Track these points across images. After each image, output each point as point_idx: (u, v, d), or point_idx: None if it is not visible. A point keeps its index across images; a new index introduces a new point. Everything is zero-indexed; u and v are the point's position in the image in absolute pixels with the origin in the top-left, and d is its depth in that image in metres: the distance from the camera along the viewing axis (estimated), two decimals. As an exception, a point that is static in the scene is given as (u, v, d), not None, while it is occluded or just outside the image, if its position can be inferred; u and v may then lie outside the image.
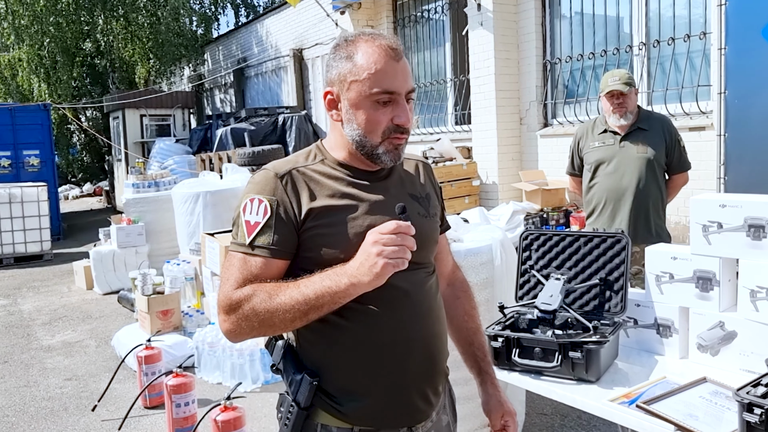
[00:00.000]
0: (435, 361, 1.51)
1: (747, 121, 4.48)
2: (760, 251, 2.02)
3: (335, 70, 1.43)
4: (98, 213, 15.32)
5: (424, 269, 1.52)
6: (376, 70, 1.38)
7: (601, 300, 2.35)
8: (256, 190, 1.41)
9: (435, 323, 1.52)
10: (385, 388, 1.42)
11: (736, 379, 1.89)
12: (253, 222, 1.39)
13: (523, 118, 7.38)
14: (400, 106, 1.41)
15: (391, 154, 1.43)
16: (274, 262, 1.38)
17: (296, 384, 1.42)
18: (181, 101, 15.63)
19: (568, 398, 2.04)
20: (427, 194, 1.60)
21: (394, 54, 1.40)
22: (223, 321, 1.38)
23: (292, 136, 11.32)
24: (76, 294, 7.62)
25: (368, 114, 1.40)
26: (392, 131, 1.41)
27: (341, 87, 1.42)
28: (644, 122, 3.59)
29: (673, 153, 3.61)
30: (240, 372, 4.38)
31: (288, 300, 1.31)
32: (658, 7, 6.11)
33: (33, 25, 15.07)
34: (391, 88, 1.39)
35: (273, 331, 1.38)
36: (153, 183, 8.15)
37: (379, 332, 1.41)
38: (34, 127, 11.88)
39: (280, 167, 1.45)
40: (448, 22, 8.64)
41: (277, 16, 13.29)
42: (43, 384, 4.69)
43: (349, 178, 1.45)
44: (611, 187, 3.63)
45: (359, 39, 1.42)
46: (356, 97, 1.40)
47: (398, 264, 1.28)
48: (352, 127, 1.42)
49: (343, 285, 1.30)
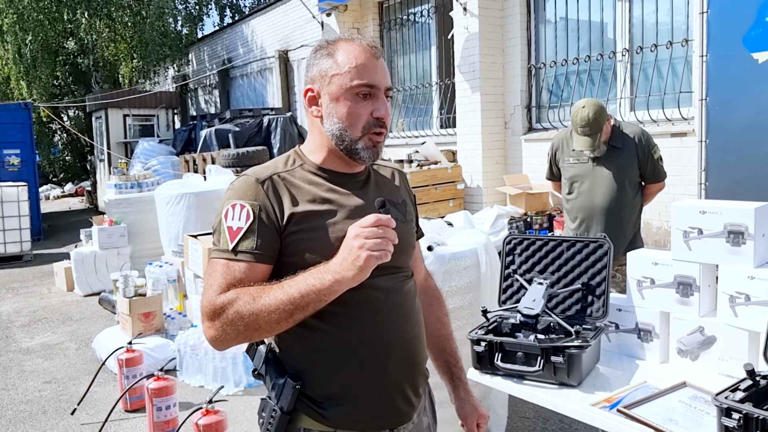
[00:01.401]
0: (415, 363, 1.53)
1: (727, 128, 4.54)
2: (739, 257, 2.04)
3: (316, 68, 1.46)
4: (80, 213, 15.17)
5: (403, 273, 1.54)
6: (357, 63, 1.41)
7: (583, 304, 2.36)
8: (237, 196, 1.41)
9: (414, 326, 1.54)
10: (366, 391, 1.44)
11: (716, 384, 1.91)
12: (235, 227, 1.38)
13: (507, 122, 7.41)
14: (380, 100, 1.43)
15: (369, 151, 1.45)
16: (258, 266, 1.38)
17: (279, 388, 1.41)
18: (165, 101, 15.52)
19: (549, 402, 2.05)
20: (403, 200, 1.62)
21: (373, 51, 1.44)
22: (207, 328, 1.37)
23: (277, 137, 11.28)
24: (57, 295, 7.53)
25: (349, 107, 1.42)
26: (372, 125, 1.43)
27: (322, 82, 1.45)
28: (618, 140, 3.65)
29: (647, 166, 3.67)
30: (222, 375, 4.35)
31: (273, 301, 1.30)
32: (642, 13, 6.18)
33: (16, 23, 14.90)
34: (372, 82, 1.42)
35: (259, 335, 1.36)
36: (136, 184, 8.08)
37: (360, 335, 1.42)
38: (14, 126, 11.74)
39: (261, 173, 1.45)
40: (433, 26, 8.66)
41: (263, 17, 13.25)
42: (22, 387, 4.63)
43: (329, 183, 1.47)
44: (585, 205, 3.74)
45: (339, 39, 1.47)
46: (337, 90, 1.42)
47: (381, 256, 1.28)
48: (332, 121, 1.44)
49: (328, 282, 1.29)
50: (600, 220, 3.70)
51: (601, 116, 3.56)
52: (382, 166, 1.65)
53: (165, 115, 15.44)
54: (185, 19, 18.66)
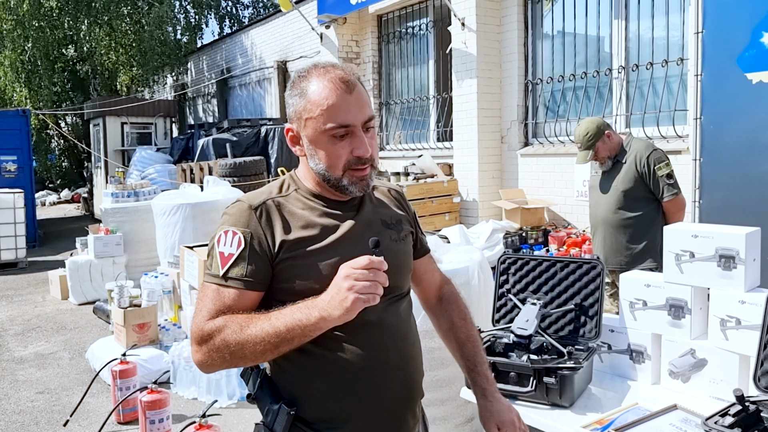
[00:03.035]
0: (411, 385, 1.53)
1: (721, 147, 4.57)
2: (730, 281, 2.06)
3: (292, 108, 1.45)
4: (76, 220, 15.14)
5: (397, 294, 1.53)
6: (328, 105, 1.38)
7: (576, 325, 2.38)
8: (230, 222, 1.42)
9: (410, 347, 1.54)
10: (361, 416, 1.44)
11: (706, 406, 1.93)
12: (227, 254, 1.39)
13: (504, 136, 7.45)
14: (358, 138, 1.41)
15: (356, 186, 1.45)
16: (248, 293, 1.39)
17: (273, 414, 1.42)
18: (163, 110, 15.54)
19: (541, 423, 2.06)
20: (398, 221, 1.61)
21: (346, 87, 1.40)
22: (195, 352, 1.38)
23: (274, 147, 11.31)
24: (51, 304, 7.51)
25: (327, 149, 1.41)
26: (353, 163, 1.42)
27: (299, 124, 1.44)
28: (623, 155, 3.78)
29: (650, 182, 3.72)
30: (216, 387, 4.34)
31: (259, 332, 1.31)
32: (638, 31, 6.24)
33: (15, 29, 14.93)
34: (346, 122, 1.39)
35: (244, 363, 1.38)
36: (132, 193, 8.08)
37: (353, 360, 1.42)
38: (12, 133, 11.74)
39: (254, 199, 1.46)
40: (432, 40, 8.72)
41: (262, 28, 13.32)
42: (14, 397, 4.61)
43: (323, 208, 1.47)
44: (592, 214, 3.98)
45: (311, 74, 1.43)
46: (313, 134, 1.42)
47: (369, 300, 1.28)
48: (314, 161, 1.44)
49: (314, 318, 1.30)
50: (600, 231, 3.83)
51: (595, 133, 3.71)
52: (378, 186, 1.65)
53: (163, 124, 15.46)
54: (185, 28, 18.74)
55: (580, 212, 6.48)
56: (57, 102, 17.64)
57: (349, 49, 9.60)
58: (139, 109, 14.95)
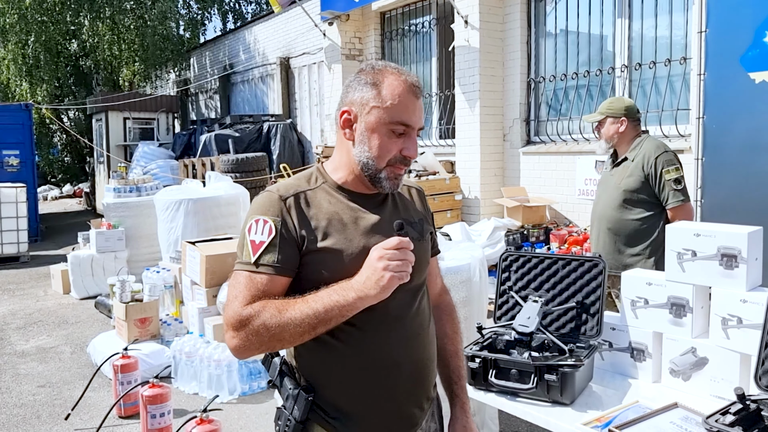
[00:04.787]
0: (424, 382, 1.59)
1: (724, 147, 4.57)
2: (732, 280, 2.07)
3: (358, 93, 1.49)
4: (78, 215, 15.16)
5: (417, 291, 1.58)
6: (399, 102, 1.47)
7: (577, 323, 2.39)
8: (260, 211, 1.48)
9: (426, 345, 1.59)
10: (375, 409, 1.50)
11: (707, 405, 1.93)
12: (258, 241, 1.45)
13: (506, 134, 7.45)
14: (411, 140, 1.50)
15: (391, 182, 1.51)
16: (279, 279, 1.44)
17: (292, 399, 1.49)
18: (166, 105, 15.54)
19: (542, 420, 2.07)
20: (420, 219, 1.66)
21: (417, 92, 1.51)
22: (231, 338, 1.42)
23: (276, 144, 11.32)
24: (53, 298, 7.52)
25: (382, 140, 1.48)
26: (398, 161, 1.50)
27: (361, 109, 1.49)
28: (633, 152, 3.53)
29: (656, 186, 3.43)
30: (217, 383, 4.36)
31: (298, 314, 1.37)
32: (641, 30, 6.23)
33: (18, 23, 14.93)
34: (409, 122, 1.48)
35: (281, 346, 1.43)
36: (134, 188, 8.08)
37: (370, 355, 1.48)
38: (14, 127, 11.76)
39: (284, 190, 1.51)
40: (435, 37, 8.71)
41: (265, 24, 13.30)
42: (16, 390, 4.62)
43: (348, 202, 1.53)
44: (593, 211, 3.79)
45: (386, 70, 1.51)
46: (375, 122, 1.47)
47: (402, 277, 1.36)
48: (362, 149, 1.49)
49: (351, 299, 1.36)
50: (596, 229, 3.71)
51: (619, 110, 3.58)
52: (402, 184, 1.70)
53: (165, 119, 15.46)
54: (187, 23, 18.72)
55: (582, 210, 6.48)
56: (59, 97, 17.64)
57: (352, 46, 9.60)
58: (142, 104, 14.95)
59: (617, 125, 3.59)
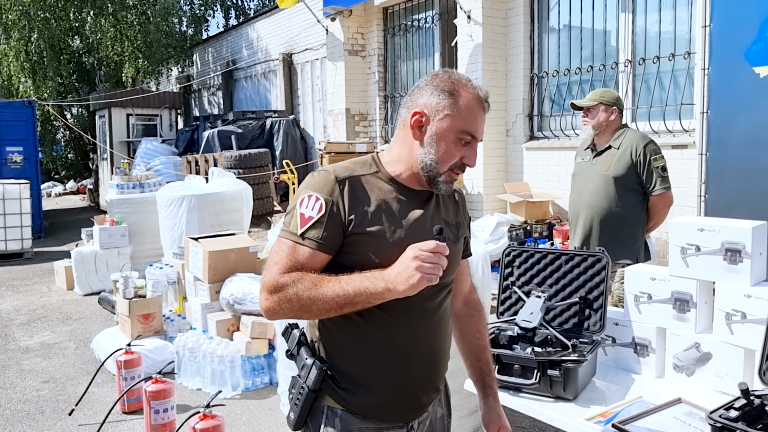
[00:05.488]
0: (436, 372, 1.67)
1: (728, 141, 4.55)
2: (736, 275, 2.06)
3: (434, 99, 1.55)
4: (81, 211, 15.18)
5: (445, 288, 1.65)
6: (471, 114, 1.55)
7: (580, 318, 2.38)
8: (315, 188, 1.54)
9: (443, 340, 1.67)
10: (387, 389, 1.57)
11: (710, 400, 1.93)
12: (307, 215, 1.52)
13: (509, 130, 7.44)
14: (473, 150, 1.58)
15: (447, 185, 1.59)
16: (320, 255, 1.51)
17: (307, 369, 1.57)
18: (169, 102, 15.55)
19: (545, 416, 2.07)
20: (458, 222, 1.73)
21: (485, 106, 1.59)
22: (265, 299, 1.51)
23: (279, 140, 11.32)
24: (56, 294, 7.54)
25: (449, 147, 1.55)
26: (457, 167, 1.57)
27: (435, 114, 1.55)
28: (617, 141, 3.65)
29: (643, 174, 3.56)
30: (220, 378, 4.36)
31: (329, 292, 1.44)
32: (645, 24, 6.20)
33: (20, 20, 14.94)
34: (476, 133, 1.57)
35: (308, 316, 1.53)
36: (138, 184, 8.09)
37: (393, 338, 1.55)
38: (18, 124, 11.76)
39: (340, 172, 1.57)
40: (437, 32, 8.69)
41: (268, 20, 13.29)
42: (20, 386, 4.64)
43: (397, 194, 1.59)
44: (573, 202, 3.82)
45: (462, 82, 1.58)
46: (446, 129, 1.54)
47: (431, 279, 1.41)
48: (429, 151, 1.55)
49: (380, 288, 1.43)
50: (582, 217, 3.69)
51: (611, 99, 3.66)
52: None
53: (168, 116, 15.47)
54: (190, 20, 18.70)
55: (585, 206, 6.46)
56: (62, 93, 17.67)
57: (355, 41, 9.58)
58: (145, 100, 14.96)
59: (608, 114, 3.68)
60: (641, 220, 3.66)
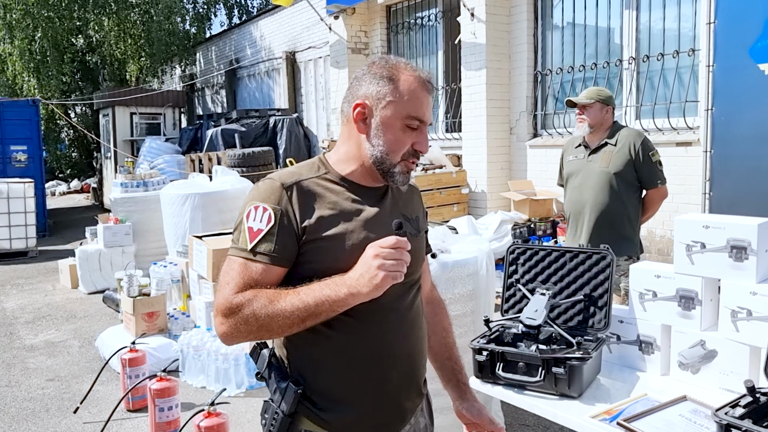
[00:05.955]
0: (416, 375, 1.60)
1: (732, 139, 4.54)
2: (741, 272, 2.05)
3: (374, 87, 1.49)
4: (85, 210, 15.22)
5: (413, 286, 1.59)
6: (415, 97, 1.48)
7: (585, 315, 2.37)
8: (261, 198, 1.45)
9: (418, 339, 1.60)
10: (366, 400, 1.49)
11: (716, 398, 1.92)
12: (256, 228, 1.42)
13: (513, 127, 7.42)
14: (423, 134, 1.51)
15: (403, 176, 1.52)
16: (274, 269, 1.42)
17: (281, 392, 1.47)
18: (172, 100, 15.56)
19: (550, 413, 2.06)
20: (417, 216, 1.68)
21: (429, 87, 1.52)
22: (220, 323, 1.41)
23: (282, 138, 11.32)
24: (61, 293, 7.56)
25: (397, 135, 1.48)
26: (410, 155, 1.50)
27: (377, 104, 1.48)
28: (613, 137, 3.70)
29: (642, 168, 3.64)
30: (224, 376, 4.37)
31: (288, 306, 1.35)
32: (649, 21, 6.18)
33: (24, 19, 14.97)
34: (423, 117, 1.49)
35: (269, 336, 1.42)
36: (141, 183, 8.11)
37: (365, 345, 1.47)
38: (22, 123, 11.80)
39: (286, 178, 1.49)
40: (441, 30, 8.68)
41: (271, 18, 13.29)
42: (25, 384, 4.65)
43: (349, 194, 1.51)
44: (574, 200, 3.81)
45: (400, 66, 1.52)
46: (390, 117, 1.47)
47: (396, 276, 1.34)
48: (377, 143, 1.49)
49: (343, 294, 1.35)
50: (588, 216, 3.71)
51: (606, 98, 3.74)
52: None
53: (171, 114, 15.48)
54: (193, 18, 18.72)
55: (589, 204, 6.45)
56: (66, 92, 17.69)
57: (358, 39, 9.58)
58: (148, 99, 14.97)
59: (604, 112, 3.71)
60: (639, 214, 3.75)
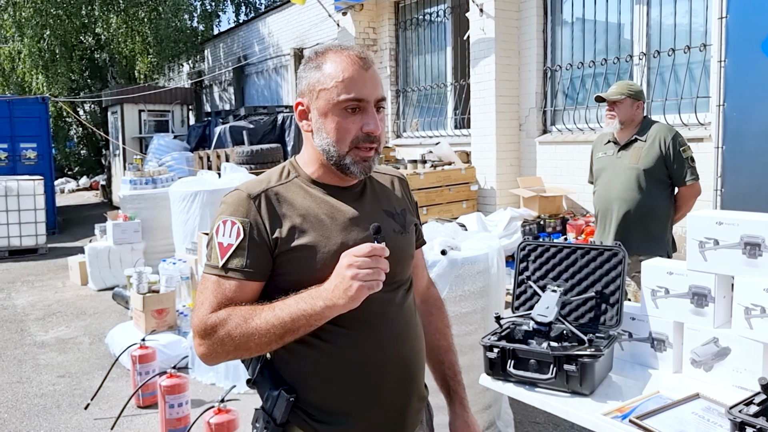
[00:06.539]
0: (413, 380, 1.52)
1: (745, 134, 4.50)
2: (755, 269, 2.03)
3: (305, 81, 1.43)
4: (94, 207, 15.29)
5: (401, 286, 1.52)
6: (344, 77, 1.37)
7: (596, 313, 2.36)
8: (228, 212, 1.39)
9: (414, 342, 1.53)
10: (361, 410, 1.43)
11: (729, 396, 1.90)
12: (226, 244, 1.37)
13: (522, 124, 7.39)
14: (369, 114, 1.39)
15: (359, 166, 1.41)
16: (248, 284, 1.37)
17: (272, 400, 1.41)
18: (180, 97, 15.60)
19: (561, 411, 2.05)
20: (403, 210, 1.59)
21: (363, 63, 1.40)
22: (198, 345, 1.37)
23: (291, 135, 11.32)
24: (71, 289, 7.60)
25: (337, 122, 1.38)
26: (361, 140, 1.39)
27: (311, 96, 1.42)
28: (643, 133, 3.62)
29: (673, 164, 3.55)
30: (234, 373, 4.37)
31: (263, 324, 1.30)
32: (659, 16, 6.14)
33: (33, 17, 15.04)
34: (360, 95, 1.38)
35: (249, 354, 1.37)
36: (150, 180, 8.14)
37: (355, 353, 1.41)
38: (31, 120, 11.87)
39: (253, 188, 1.42)
40: (449, 26, 8.65)
41: (279, 15, 13.29)
42: (36, 380, 4.68)
43: (323, 196, 1.45)
44: (602, 197, 3.75)
45: (328, 50, 1.43)
46: (325, 105, 1.39)
47: (372, 286, 1.27)
48: (321, 136, 1.41)
49: (319, 308, 1.29)
50: (613, 212, 3.65)
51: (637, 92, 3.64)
52: (381, 174, 1.63)
53: (180, 111, 15.53)
54: (201, 15, 18.76)
55: (599, 200, 6.41)
56: (75, 90, 17.78)
57: (366, 36, 9.56)
58: (157, 96, 15.02)
59: (634, 108, 3.63)
60: (671, 212, 3.66)
